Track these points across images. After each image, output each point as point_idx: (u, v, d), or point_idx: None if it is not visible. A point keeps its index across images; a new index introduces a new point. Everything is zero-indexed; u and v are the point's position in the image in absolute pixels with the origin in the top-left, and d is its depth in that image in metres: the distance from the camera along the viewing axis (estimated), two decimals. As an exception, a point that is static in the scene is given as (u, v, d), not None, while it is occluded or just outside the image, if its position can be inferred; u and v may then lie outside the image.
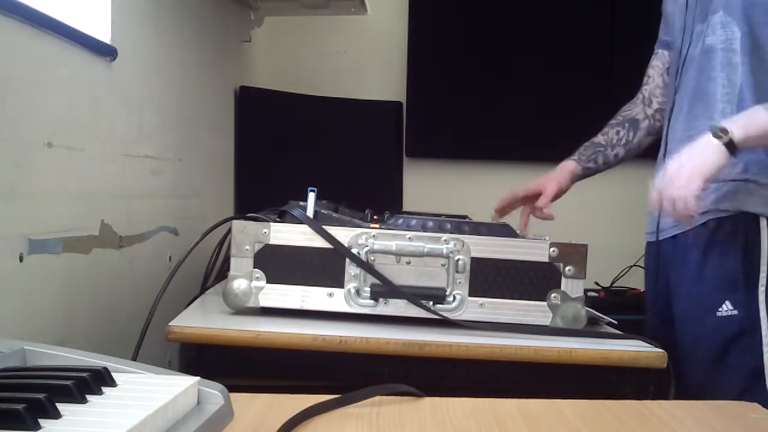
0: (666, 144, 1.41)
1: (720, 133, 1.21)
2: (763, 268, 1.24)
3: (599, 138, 1.56)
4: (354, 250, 1.08)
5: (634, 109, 1.55)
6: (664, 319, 1.37)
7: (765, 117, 1.21)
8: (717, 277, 1.28)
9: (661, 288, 1.42)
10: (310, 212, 1.13)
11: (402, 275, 1.09)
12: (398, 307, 1.09)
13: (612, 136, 1.55)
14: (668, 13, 1.46)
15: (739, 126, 1.21)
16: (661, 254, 1.42)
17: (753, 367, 1.23)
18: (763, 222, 1.25)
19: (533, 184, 1.54)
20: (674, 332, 1.33)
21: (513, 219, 1.50)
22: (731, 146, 1.21)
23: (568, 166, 1.54)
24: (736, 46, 1.29)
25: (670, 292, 1.39)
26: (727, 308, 1.26)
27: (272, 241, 1.09)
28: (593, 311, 1.20)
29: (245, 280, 1.09)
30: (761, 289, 1.24)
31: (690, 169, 1.21)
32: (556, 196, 1.51)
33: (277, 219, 1.15)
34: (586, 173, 1.56)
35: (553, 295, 1.09)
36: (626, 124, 1.54)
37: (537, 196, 1.52)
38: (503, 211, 1.56)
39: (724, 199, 1.29)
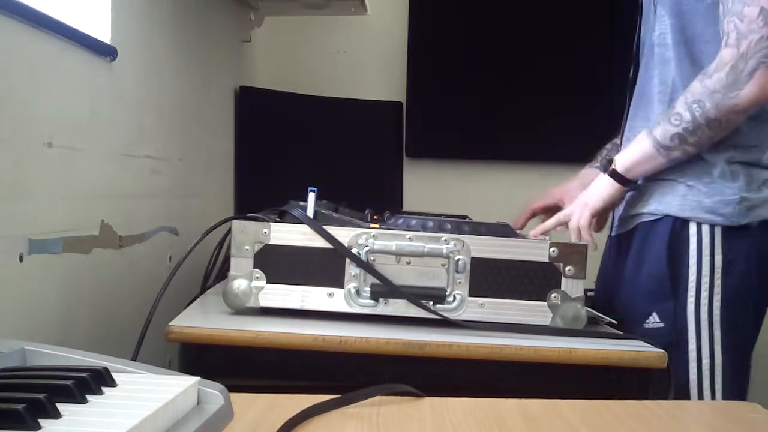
0: (620, 146, 1.40)
1: (606, 165, 1.26)
2: (691, 278, 1.20)
3: (619, 140, 1.51)
4: (354, 250, 1.08)
5: None
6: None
7: (645, 144, 1.21)
8: (645, 287, 1.24)
9: (601, 281, 1.43)
10: (310, 212, 1.13)
11: (402, 275, 1.09)
12: (398, 307, 1.09)
13: None
14: None
15: (622, 156, 1.25)
16: (608, 250, 1.42)
17: (680, 383, 1.18)
18: (692, 227, 1.21)
19: (551, 197, 1.51)
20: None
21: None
22: (618, 177, 1.24)
23: (590, 175, 1.46)
24: (669, 41, 1.25)
25: (610, 290, 1.38)
26: (654, 320, 1.22)
27: (272, 241, 1.09)
28: (593, 311, 1.19)
29: (245, 280, 1.09)
30: (690, 300, 1.19)
31: (583, 203, 1.28)
32: None
33: (277, 219, 1.15)
34: None
35: (553, 295, 1.09)
36: None
37: (556, 207, 1.49)
38: (522, 225, 1.52)
39: (653, 200, 1.25)
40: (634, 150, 1.24)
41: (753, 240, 1.20)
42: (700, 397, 1.19)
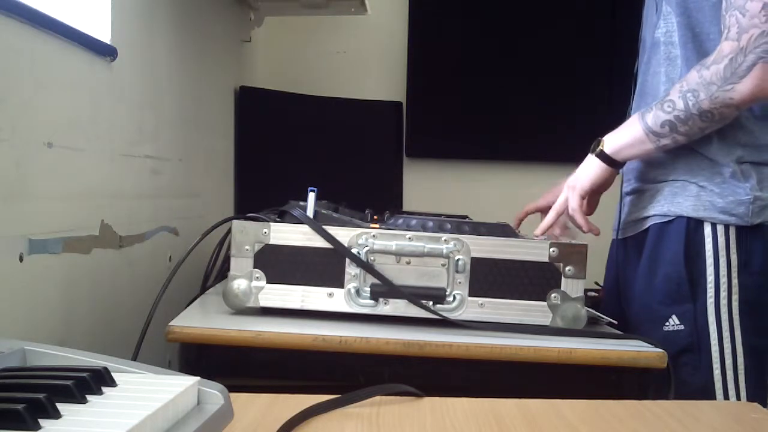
0: None
1: (595, 145, 1.24)
2: (709, 279, 1.18)
3: None
4: (354, 250, 1.08)
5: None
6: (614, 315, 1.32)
7: (636, 128, 1.20)
8: (662, 290, 1.23)
9: (611, 285, 1.41)
10: (310, 212, 1.13)
11: (402, 275, 1.09)
12: (398, 307, 1.09)
13: None
14: None
15: (611, 137, 1.24)
16: (616, 253, 1.40)
17: (702, 385, 1.18)
18: (707, 228, 1.20)
19: (552, 195, 1.47)
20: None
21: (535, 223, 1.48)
22: (606, 158, 1.23)
23: None
24: (675, 39, 1.24)
25: (620, 293, 1.37)
26: (673, 323, 1.20)
27: (272, 241, 1.09)
28: (593, 311, 1.19)
29: (245, 280, 1.09)
30: (709, 301, 1.18)
31: (571, 185, 1.27)
32: None
33: (277, 219, 1.15)
34: None
35: (553, 295, 1.09)
36: None
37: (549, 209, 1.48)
38: (517, 227, 1.50)
39: (664, 202, 1.24)
40: (625, 132, 1.23)
41: (766, 239, 1.19)
42: (726, 397, 1.17)
